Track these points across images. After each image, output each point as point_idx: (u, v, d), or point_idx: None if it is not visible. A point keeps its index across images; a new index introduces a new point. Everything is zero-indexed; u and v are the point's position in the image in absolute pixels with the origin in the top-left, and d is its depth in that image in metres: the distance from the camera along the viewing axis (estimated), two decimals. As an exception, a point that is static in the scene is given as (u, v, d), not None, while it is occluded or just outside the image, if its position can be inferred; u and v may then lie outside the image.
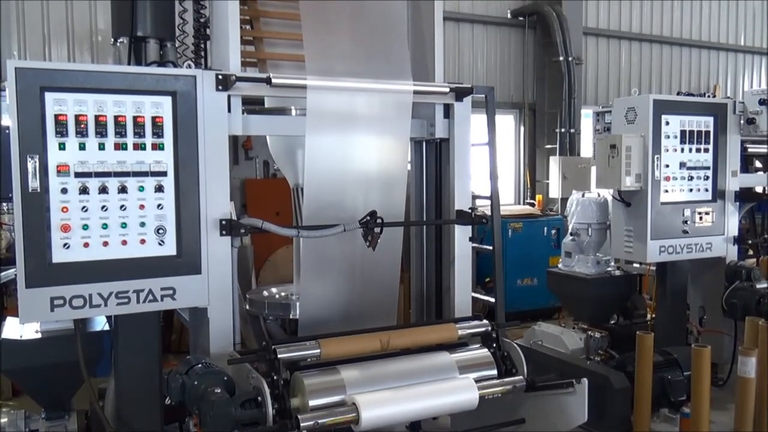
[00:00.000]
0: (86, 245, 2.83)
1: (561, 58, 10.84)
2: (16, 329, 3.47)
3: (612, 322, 5.61)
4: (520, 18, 11.48)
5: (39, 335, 3.42)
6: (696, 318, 5.34)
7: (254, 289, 4.58)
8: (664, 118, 4.72)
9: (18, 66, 2.71)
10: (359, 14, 3.47)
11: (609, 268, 5.59)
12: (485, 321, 3.33)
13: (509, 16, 11.47)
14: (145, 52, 3.52)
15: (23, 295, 2.75)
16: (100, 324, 3.60)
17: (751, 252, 6.09)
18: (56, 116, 2.76)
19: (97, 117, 2.83)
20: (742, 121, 5.08)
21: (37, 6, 8.27)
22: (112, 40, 3.63)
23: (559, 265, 5.93)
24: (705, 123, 4.93)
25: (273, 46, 3.70)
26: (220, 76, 3.03)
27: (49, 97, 2.75)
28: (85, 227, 2.82)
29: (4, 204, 5.65)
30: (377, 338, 3.02)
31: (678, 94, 5.59)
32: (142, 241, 2.94)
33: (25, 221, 2.72)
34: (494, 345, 3.23)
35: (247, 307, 3.88)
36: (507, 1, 11.45)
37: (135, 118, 2.89)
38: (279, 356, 2.75)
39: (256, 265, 7.46)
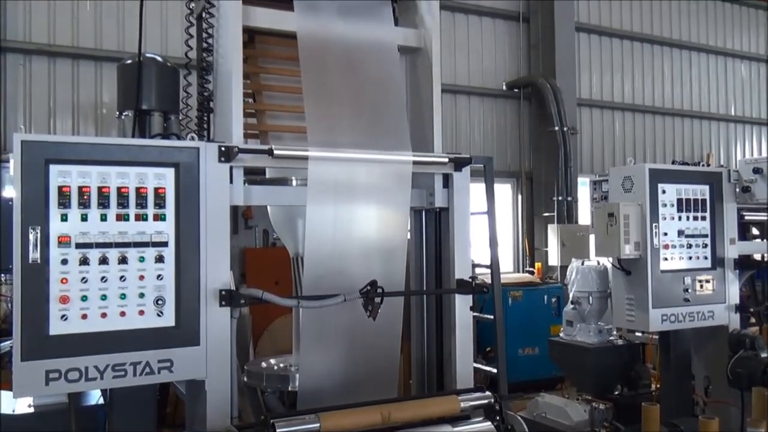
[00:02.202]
0: (84, 317, 2.80)
1: (556, 128, 11.06)
2: (9, 403, 3.40)
3: (616, 392, 5.51)
4: (515, 90, 11.79)
5: (32, 409, 3.35)
6: (701, 388, 5.25)
7: (252, 360, 4.51)
8: (660, 186, 4.78)
9: (24, 139, 2.76)
10: (360, 87, 3.55)
11: (611, 337, 5.54)
12: (488, 393, 3.27)
13: (504, 88, 11.78)
14: (149, 124, 3.59)
15: (18, 368, 2.70)
16: (95, 397, 3.53)
17: (753, 320, 6.04)
18: (60, 188, 2.79)
19: (100, 188, 2.85)
20: (737, 189, 5.13)
21: (44, 80, 8.49)
22: (117, 113, 3.71)
23: (561, 334, 5.87)
24: (701, 191, 4.98)
25: (275, 119, 3.78)
26: (222, 148, 3.07)
27: (54, 169, 2.78)
28: (84, 298, 2.80)
29: (2, 275, 5.64)
30: (378, 411, 2.96)
31: (673, 162, 5.67)
32: (141, 312, 2.91)
33: (24, 292, 2.70)
34: (497, 418, 3.16)
35: (245, 379, 3.81)
36: (502, 74, 11.78)
37: (138, 189, 2.92)
38: (278, 430, 2.68)
39: (254, 335, 7.38)
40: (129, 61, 3.72)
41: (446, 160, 3.63)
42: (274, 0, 3.61)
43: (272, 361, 3.97)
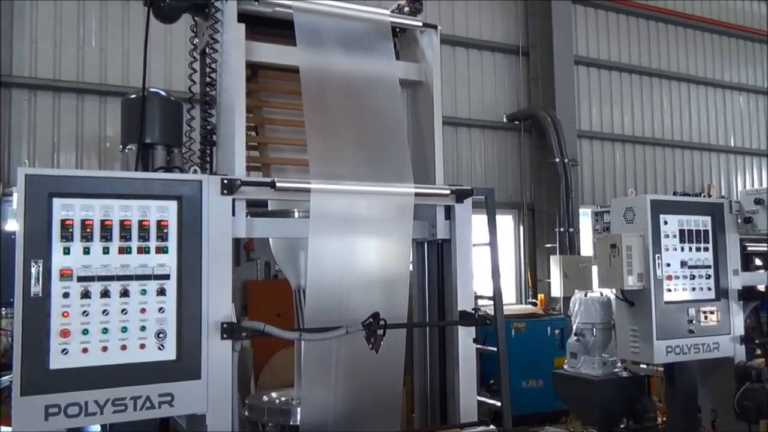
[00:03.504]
0: (85, 350, 2.79)
1: (557, 160, 11.10)
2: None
3: (622, 426, 5.44)
4: (516, 122, 11.87)
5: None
6: (708, 421, 5.18)
7: (253, 394, 4.47)
8: (662, 217, 4.78)
9: (28, 173, 2.78)
10: (361, 120, 3.59)
11: (616, 369, 5.48)
12: (492, 426, 3.23)
13: (505, 120, 11.86)
14: (152, 157, 3.61)
15: (17, 403, 2.68)
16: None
17: (758, 351, 5.99)
18: (63, 221, 2.80)
19: (102, 221, 2.86)
20: (739, 220, 5.13)
21: (49, 114, 8.57)
22: (121, 146, 3.74)
23: (565, 366, 5.81)
24: (703, 222, 4.98)
25: (277, 151, 3.81)
26: (225, 181, 3.09)
27: (57, 202, 2.79)
28: (85, 332, 2.79)
29: (3, 309, 5.62)
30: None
31: (674, 194, 5.69)
32: (142, 346, 2.89)
33: (25, 326, 2.69)
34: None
35: (246, 413, 3.77)
36: (502, 106, 11.88)
37: (140, 222, 2.93)
38: (279, 466, 2.65)
39: (256, 368, 7.31)
40: (133, 96, 3.75)
41: (448, 191, 3.65)
42: (276, 35, 3.67)
43: (274, 394, 3.94)
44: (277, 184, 3.18)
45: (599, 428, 5.37)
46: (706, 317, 4.86)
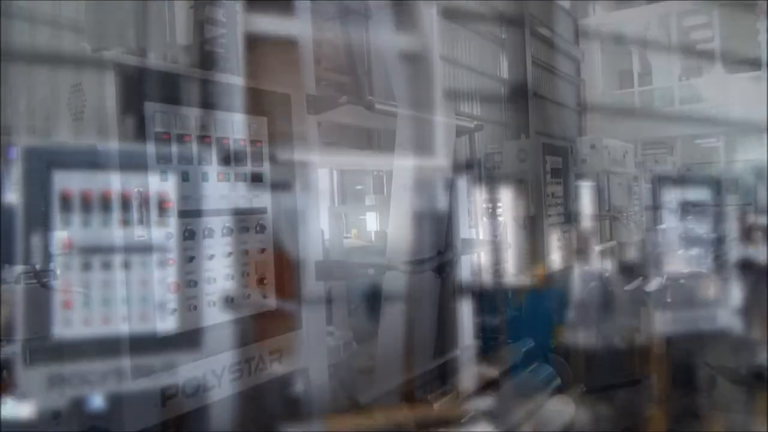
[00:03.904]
0: (87, 322, 2.80)
1: (558, 134, 11.07)
2: (10, 409, 3.38)
3: (621, 396, 5.49)
4: (518, 97, 11.80)
5: (33, 416, 3.33)
6: (706, 391, 5.22)
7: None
8: (664, 191, 4.79)
9: (26, 145, 2.77)
10: (360, 93, 3.57)
11: (615, 341, 5.52)
12: (492, 396, 3.27)
13: (506, 94, 11.80)
14: (152, 131, 3.59)
15: (21, 374, 2.70)
16: (95, 404, 3.51)
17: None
18: (62, 193, 2.79)
19: (103, 194, 2.85)
20: (738, 194, 5.13)
21: (46, 85, 8.51)
22: (120, 119, 3.71)
23: (564, 338, 5.85)
24: (703, 196, 4.99)
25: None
26: (224, 154, 3.08)
27: (56, 174, 2.78)
28: (87, 304, 2.80)
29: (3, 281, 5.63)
30: (382, 415, 2.96)
31: (675, 168, 5.68)
32: (143, 318, 2.90)
33: (26, 299, 2.70)
34: (501, 422, 3.16)
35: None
36: (504, 80, 11.80)
37: (141, 194, 2.92)
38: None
39: (256, 344, 7.34)
40: (132, 68, 3.71)
41: (447, 164, 3.64)
42: (275, 8, 3.63)
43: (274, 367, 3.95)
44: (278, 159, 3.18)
45: (598, 399, 5.42)
46: (705, 290, 4.88)
